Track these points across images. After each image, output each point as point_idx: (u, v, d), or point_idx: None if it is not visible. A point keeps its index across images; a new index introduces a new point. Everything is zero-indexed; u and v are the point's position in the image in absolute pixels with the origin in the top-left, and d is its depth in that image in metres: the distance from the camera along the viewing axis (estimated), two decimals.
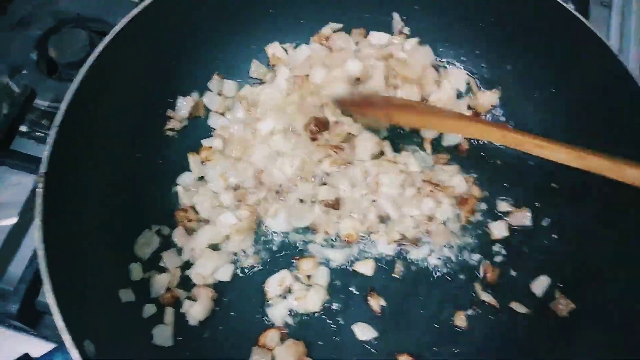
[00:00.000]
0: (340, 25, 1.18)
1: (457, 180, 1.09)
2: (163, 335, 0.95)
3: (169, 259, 1.02)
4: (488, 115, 1.17)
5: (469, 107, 1.17)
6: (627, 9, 1.28)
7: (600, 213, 1.00)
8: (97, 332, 0.80)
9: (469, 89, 1.19)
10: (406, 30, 1.17)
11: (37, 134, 1.18)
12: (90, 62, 0.91)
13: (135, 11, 0.97)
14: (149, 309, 0.96)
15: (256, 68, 1.18)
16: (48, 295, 0.75)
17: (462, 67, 1.18)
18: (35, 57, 1.20)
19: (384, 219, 1.07)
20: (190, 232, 1.04)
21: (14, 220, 1.11)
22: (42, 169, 0.83)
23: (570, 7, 0.95)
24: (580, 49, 0.97)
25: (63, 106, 0.87)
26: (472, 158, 1.14)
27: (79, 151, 0.91)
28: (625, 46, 1.24)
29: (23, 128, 1.17)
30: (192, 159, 1.10)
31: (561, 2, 0.96)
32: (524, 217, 1.07)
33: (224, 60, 1.16)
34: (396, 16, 1.16)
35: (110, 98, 0.98)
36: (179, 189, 1.08)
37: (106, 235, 0.95)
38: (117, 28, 0.95)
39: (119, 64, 0.97)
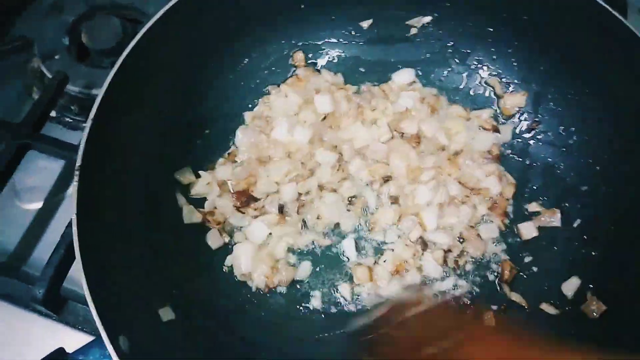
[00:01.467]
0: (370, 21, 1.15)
1: (492, 181, 1.06)
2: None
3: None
4: (517, 117, 1.14)
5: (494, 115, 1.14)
6: None
7: (631, 215, 0.97)
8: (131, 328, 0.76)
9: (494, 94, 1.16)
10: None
11: (66, 119, 1.15)
12: (126, 52, 0.89)
13: (173, 1, 0.94)
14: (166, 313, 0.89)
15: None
16: (85, 292, 0.72)
17: (491, 67, 1.15)
18: (67, 43, 1.17)
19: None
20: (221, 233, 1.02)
21: (40, 204, 1.08)
22: (78, 162, 0.80)
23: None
24: (616, 48, 0.94)
25: (98, 99, 0.84)
26: (500, 159, 1.11)
27: (114, 143, 0.89)
28: None
29: (52, 113, 1.14)
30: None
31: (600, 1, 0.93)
32: (553, 218, 1.04)
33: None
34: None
35: (146, 89, 0.95)
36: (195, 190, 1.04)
37: (139, 230, 0.92)
38: (154, 18, 0.92)
39: (155, 55, 0.94)
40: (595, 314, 0.94)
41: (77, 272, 0.75)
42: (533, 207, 1.07)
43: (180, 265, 0.95)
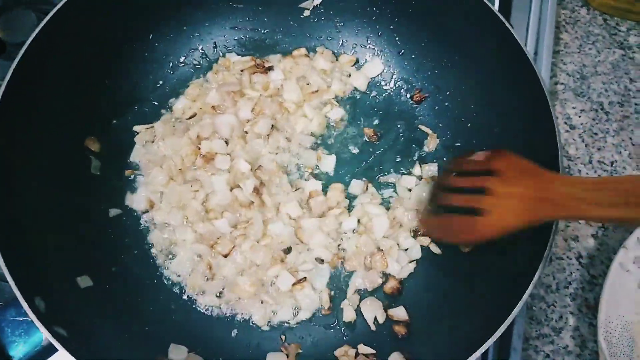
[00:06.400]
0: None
1: None
2: None
3: None
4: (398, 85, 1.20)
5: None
6: (543, 12, 1.29)
7: None
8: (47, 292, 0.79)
9: None
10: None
11: None
12: (29, 40, 0.89)
13: None
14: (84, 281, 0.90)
15: None
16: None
17: (377, 42, 1.19)
18: None
19: None
20: None
21: None
22: None
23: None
24: (473, 22, 1.01)
25: (4, 83, 0.85)
26: None
27: (21, 126, 0.89)
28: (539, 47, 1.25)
29: None
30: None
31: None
32: (432, 169, 1.12)
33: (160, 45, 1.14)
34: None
35: (51, 76, 0.95)
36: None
37: (59, 202, 0.93)
38: (57, 7, 0.93)
39: (59, 43, 0.94)
40: (466, 249, 1.02)
41: None
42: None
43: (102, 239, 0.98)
